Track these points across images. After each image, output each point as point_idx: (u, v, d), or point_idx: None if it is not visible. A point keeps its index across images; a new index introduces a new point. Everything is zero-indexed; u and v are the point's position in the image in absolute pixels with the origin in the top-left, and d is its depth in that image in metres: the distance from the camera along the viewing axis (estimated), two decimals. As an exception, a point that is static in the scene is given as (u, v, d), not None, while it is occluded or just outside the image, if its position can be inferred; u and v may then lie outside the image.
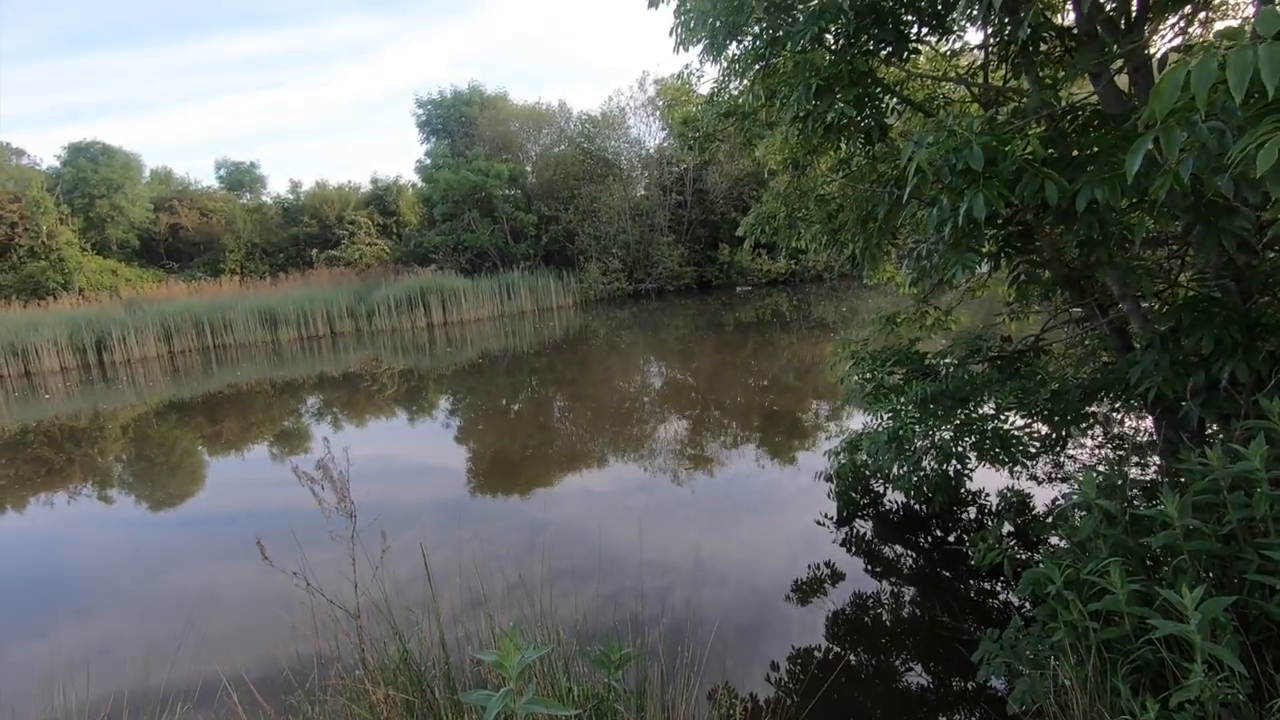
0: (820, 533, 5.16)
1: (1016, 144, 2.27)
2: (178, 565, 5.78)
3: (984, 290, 5.87)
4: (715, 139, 5.98)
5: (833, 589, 4.37)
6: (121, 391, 15.42)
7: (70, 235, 27.04)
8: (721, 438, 8.15)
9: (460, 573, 4.02)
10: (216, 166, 35.33)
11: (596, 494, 6.51)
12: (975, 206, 2.16)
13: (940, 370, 4.50)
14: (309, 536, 3.03)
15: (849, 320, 16.76)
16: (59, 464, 9.66)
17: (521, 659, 1.40)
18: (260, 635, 4.22)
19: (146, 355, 19.80)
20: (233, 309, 21.33)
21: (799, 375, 11.45)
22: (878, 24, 3.20)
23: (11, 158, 42.87)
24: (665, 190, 27.34)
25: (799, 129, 3.71)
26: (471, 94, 28.99)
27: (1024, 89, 3.88)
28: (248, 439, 10.37)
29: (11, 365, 18.20)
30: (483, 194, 25.54)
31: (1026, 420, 4.16)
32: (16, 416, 13.38)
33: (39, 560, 6.26)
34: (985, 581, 4.27)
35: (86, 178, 28.73)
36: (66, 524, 7.26)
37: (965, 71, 4.66)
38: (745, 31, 4.01)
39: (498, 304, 23.93)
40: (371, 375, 14.77)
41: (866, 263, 4.85)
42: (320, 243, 30.48)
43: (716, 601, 4.27)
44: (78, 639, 4.54)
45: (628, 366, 13.90)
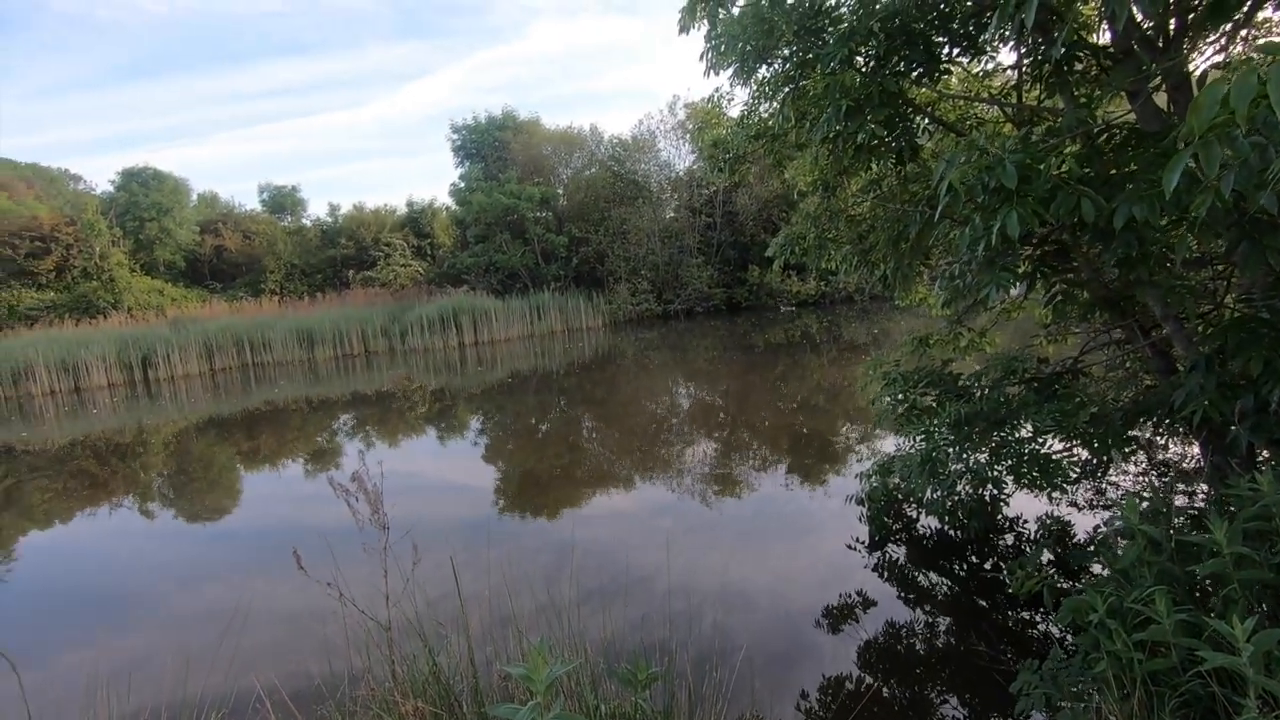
0: (851, 558, 5.06)
1: (1051, 162, 2.25)
2: (213, 577, 5.90)
3: (1019, 312, 5.77)
4: (745, 161, 6.02)
5: (864, 616, 4.27)
6: (165, 407, 15.90)
7: (121, 256, 28.15)
8: (750, 460, 8.08)
9: (488, 590, 4.04)
10: (260, 190, 36.57)
11: (624, 514, 6.49)
12: (1009, 225, 2.14)
13: (975, 392, 4.42)
14: (341, 551, 3.07)
15: (880, 342, 16.55)
16: (103, 478, 9.96)
17: (549, 673, 1.40)
18: (293, 646, 4.27)
19: (189, 372, 20.41)
20: (272, 328, 21.92)
21: (829, 398, 11.33)
22: (908, 45, 3.21)
23: (69, 183, 44.96)
24: (695, 212, 27.50)
25: (829, 150, 3.72)
26: (505, 119, 29.63)
27: (1059, 108, 3.84)
28: (283, 455, 10.59)
29: (63, 381, 18.90)
30: (515, 216, 25.98)
31: (1065, 444, 4.05)
32: (66, 431, 13.86)
33: (81, 571, 6.43)
34: (1024, 611, 4.14)
35: (138, 202, 29.96)
36: (108, 536, 7.47)
37: (998, 92, 4.63)
38: (775, 54, 4.05)
39: (528, 324, 24.19)
40: (404, 394, 15.00)
41: (898, 284, 4.81)
42: (357, 264, 31.24)
43: (744, 626, 4.21)
44: (117, 648, 4.64)
45: (656, 387, 13.89)
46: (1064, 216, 2.17)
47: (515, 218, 26.05)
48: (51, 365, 18.72)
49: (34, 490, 9.43)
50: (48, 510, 8.45)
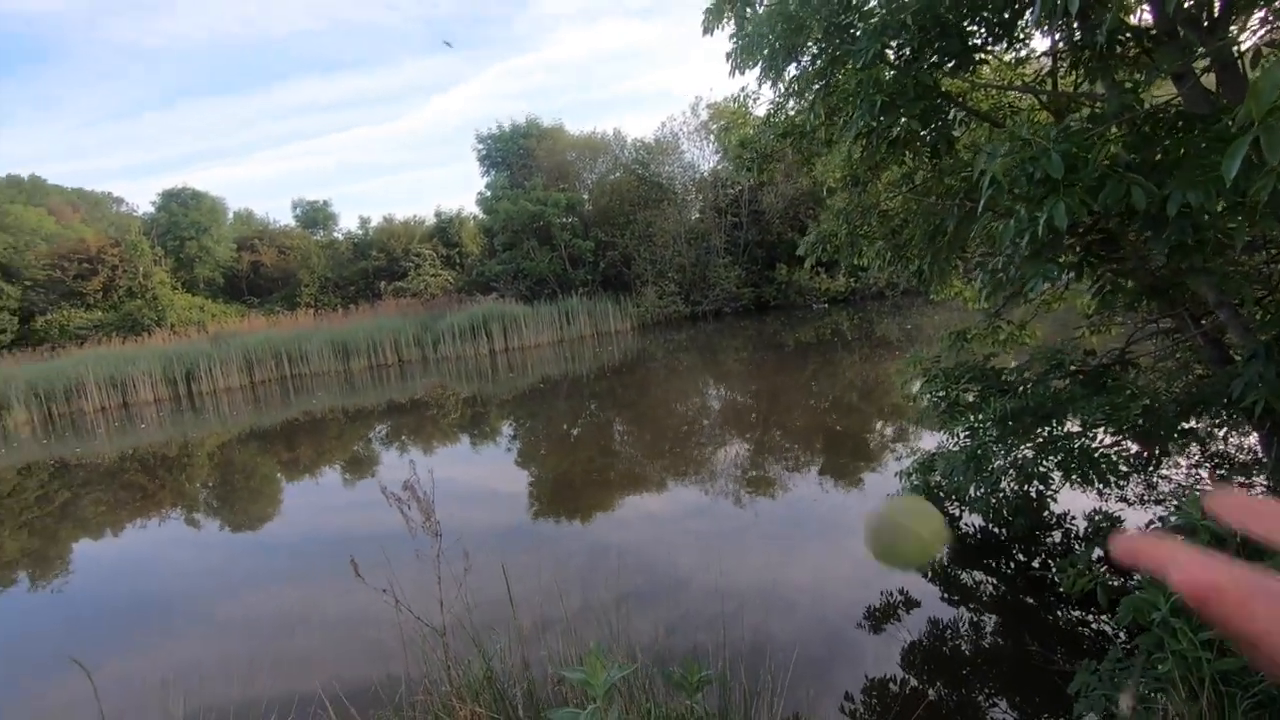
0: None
1: (1098, 150, 2.20)
2: (264, 584, 6.05)
3: (1060, 303, 5.62)
4: (773, 160, 5.98)
5: (907, 616, 4.21)
6: (209, 420, 16.35)
7: (163, 275, 29.10)
8: (784, 460, 8.02)
9: (530, 593, 4.07)
10: (293, 206, 37.51)
11: (658, 517, 6.48)
12: (1056, 215, 2.09)
13: (1018, 386, 4.32)
14: (389, 557, 3.12)
15: (914, 338, 16.29)
16: (152, 489, 10.28)
17: (607, 677, 1.41)
18: (347, 651, 4.36)
19: (230, 386, 20.97)
20: (308, 340, 22.41)
21: (863, 395, 11.18)
22: (942, 36, 3.16)
23: (113, 206, 46.61)
24: (720, 212, 27.40)
25: (862, 145, 3.68)
26: (529, 127, 29.89)
27: (1096, 93, 3.74)
28: (324, 464, 10.81)
29: (112, 397, 19.57)
30: (541, 223, 26.18)
31: (1115, 438, 3.94)
32: (116, 445, 14.34)
33: (135, 580, 6.64)
34: (1075, 609, 4.04)
35: (178, 221, 30.94)
36: (160, 545, 7.71)
37: (1032, 79, 4.53)
38: (803, 51, 4.02)
39: (557, 330, 24.35)
40: (437, 402, 15.21)
41: (935, 278, 4.73)
42: (388, 275, 31.81)
43: (786, 627, 4.18)
44: (177, 652, 4.78)
45: (686, 389, 13.87)
46: (1113, 205, 2.11)
47: (542, 224, 26.26)
48: (101, 382, 19.40)
49: (89, 503, 9.77)
50: (101, 522, 8.75)
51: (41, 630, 5.61)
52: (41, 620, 5.85)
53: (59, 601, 6.23)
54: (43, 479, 11.76)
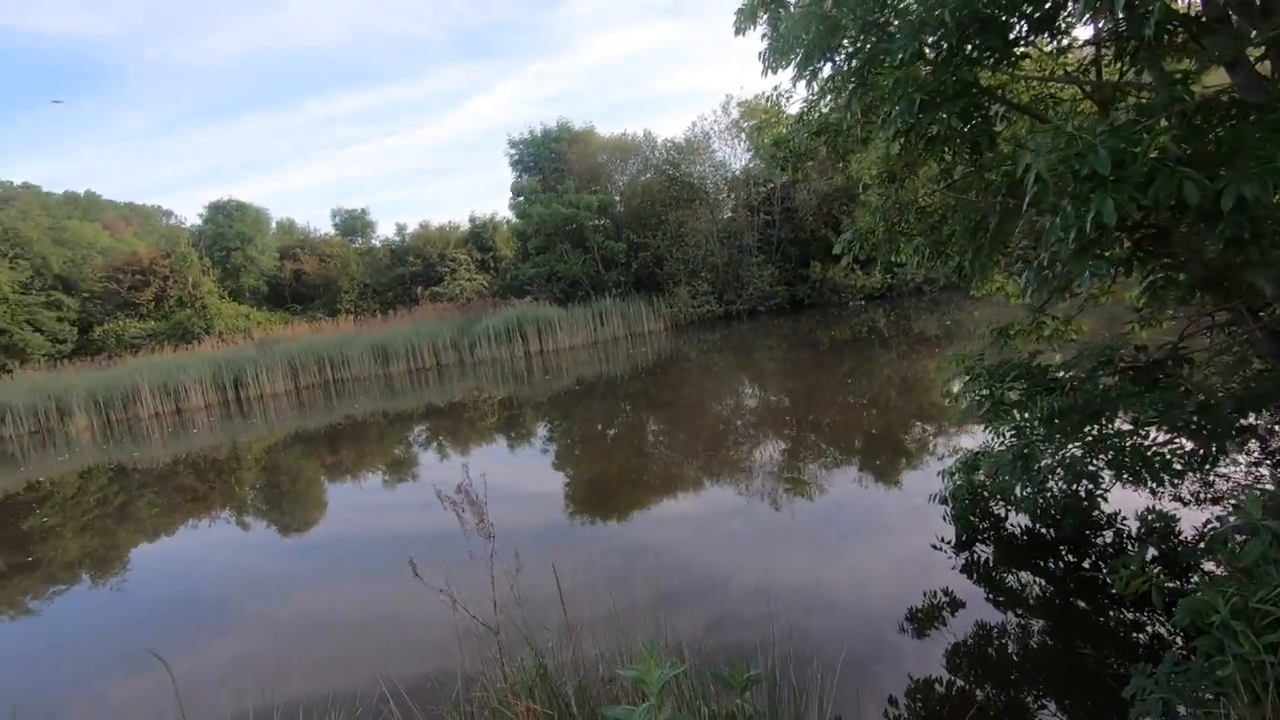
0: (935, 558, 4.93)
1: (1146, 143, 2.15)
2: (317, 584, 6.23)
3: (1108, 296, 5.48)
4: (807, 157, 5.95)
5: (952, 618, 4.15)
6: (256, 425, 16.87)
7: (211, 285, 30.12)
8: (821, 459, 7.96)
9: (569, 591, 4.13)
10: (332, 215, 38.46)
11: (695, 517, 6.50)
12: (1104, 212, 2.05)
13: (1066, 384, 4.23)
14: (433, 555, 3.20)
15: (953, 334, 15.98)
16: (204, 492, 10.66)
17: (660, 675, 1.44)
18: (400, 648, 4.48)
19: (276, 391, 21.60)
20: (349, 346, 22.97)
21: (901, 393, 11.02)
22: (982, 31, 3.12)
23: (162, 218, 48.38)
24: (753, 210, 27.24)
25: (900, 143, 3.64)
26: (560, 130, 30.12)
27: (1143, 82, 3.64)
28: (367, 466, 11.08)
29: (165, 403, 20.34)
30: (574, 225, 26.37)
31: (1169, 435, 3.83)
32: (169, 449, 14.90)
33: (191, 579, 6.90)
34: (1129, 611, 3.94)
35: (224, 233, 31.99)
36: (213, 546, 8.00)
37: (1075, 69, 4.43)
38: (839, 50, 4.00)
39: (591, 331, 24.50)
40: (475, 404, 15.44)
41: (976, 274, 4.66)
42: (425, 280, 32.41)
43: (828, 627, 4.15)
44: (234, 651, 4.96)
45: (721, 389, 13.84)
46: (1164, 200, 2.07)
47: (574, 227, 26.45)
48: (155, 389, 20.17)
49: (144, 505, 10.18)
50: (156, 523, 9.11)
51: (104, 627, 5.88)
52: (104, 617, 6.13)
53: (119, 600, 6.51)
54: (102, 482, 12.28)
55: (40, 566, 7.68)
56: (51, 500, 11.19)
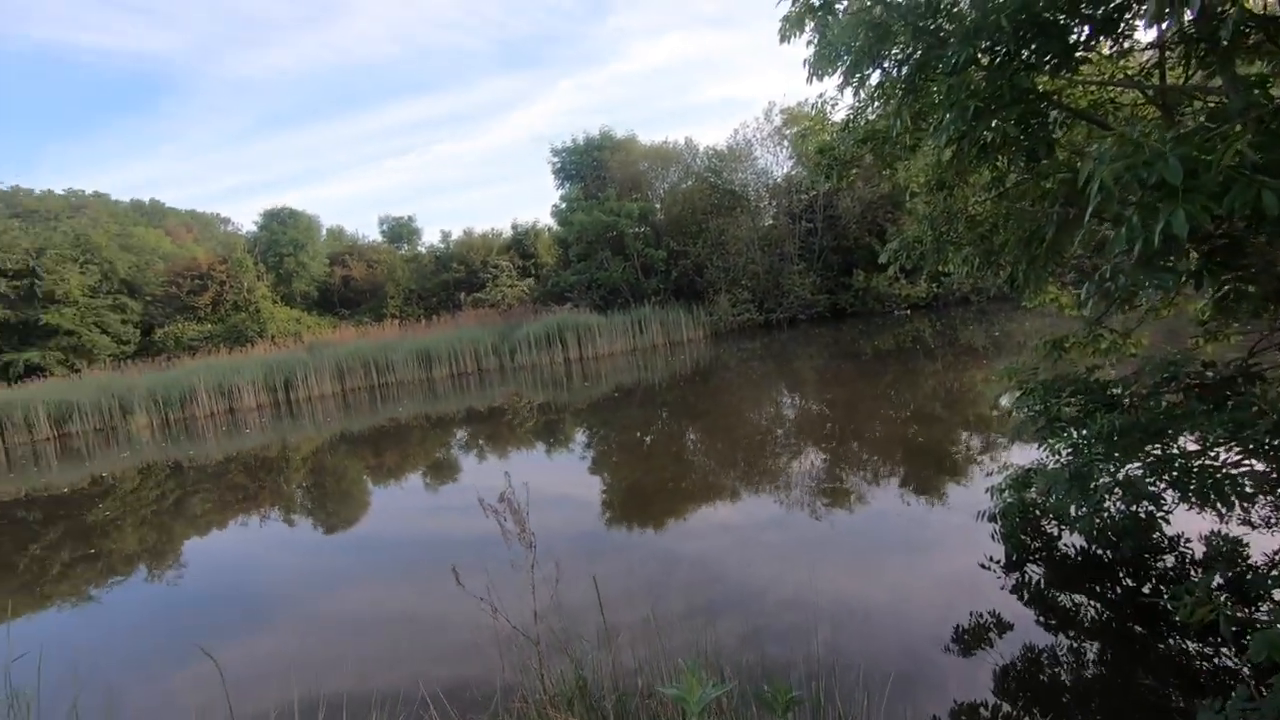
0: (984, 577, 4.76)
1: (1220, 151, 2.04)
2: (361, 583, 6.35)
3: (1171, 309, 5.23)
4: (852, 165, 5.86)
5: (1000, 640, 4.00)
6: (305, 426, 17.36)
7: (265, 290, 31.20)
8: (862, 471, 7.79)
9: (607, 601, 4.10)
10: (380, 222, 39.51)
11: (733, 527, 6.42)
12: (1175, 223, 1.95)
13: (1126, 401, 4.05)
14: (475, 560, 3.22)
15: (1002, 346, 15.52)
16: (253, 490, 11.00)
17: (703, 695, 1.42)
18: (442, 652, 4.53)
19: (324, 393, 22.22)
20: (394, 350, 23.50)
21: (947, 405, 10.73)
22: (1041, 36, 3.02)
23: (220, 225, 50.36)
24: (794, 218, 27.01)
25: (953, 151, 3.55)
26: (602, 139, 30.38)
27: (1210, 86, 3.48)
28: (410, 468, 11.29)
29: (219, 403, 21.11)
30: (614, 233, 26.53)
31: (1239, 456, 3.63)
32: (223, 447, 15.44)
33: (240, 575, 7.12)
34: (1193, 641, 3.73)
35: (277, 239, 33.11)
36: (261, 543, 8.23)
37: (1137, 73, 4.26)
38: (887, 57, 3.93)
39: (630, 338, 24.58)
40: (514, 409, 15.60)
41: (1029, 285, 4.50)
42: (467, 286, 32.99)
43: (870, 647, 4.04)
44: (280, 647, 5.08)
45: (760, 398, 13.69)
46: (1240, 210, 1.96)
47: (615, 234, 26.61)
48: (211, 390, 20.96)
49: (199, 502, 10.55)
50: (209, 520, 9.43)
51: (158, 618, 6.10)
52: (158, 608, 6.36)
53: (173, 592, 6.75)
54: (159, 478, 12.78)
55: (101, 558, 8.02)
56: (113, 495, 11.69)
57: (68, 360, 27.17)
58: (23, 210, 36.47)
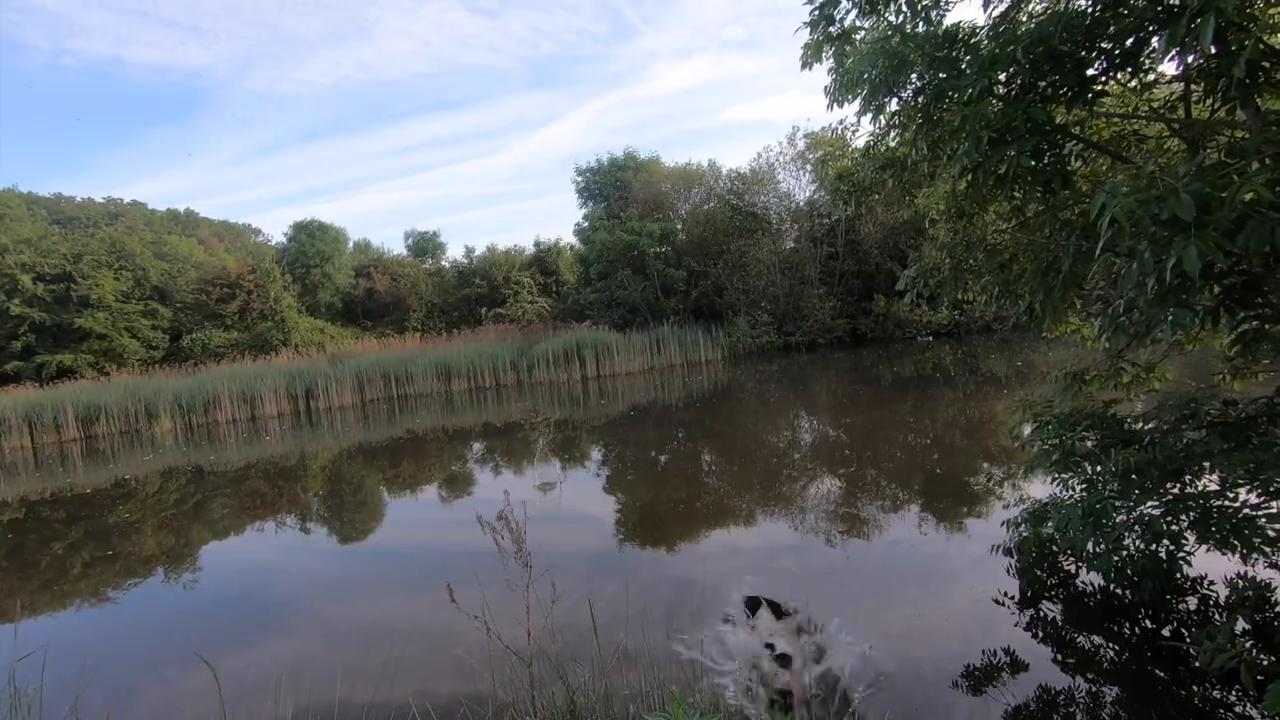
0: (997, 613, 4.65)
1: (1236, 187, 2.01)
2: (363, 593, 6.38)
3: (1196, 343, 5.13)
4: (871, 192, 5.85)
5: (1012, 680, 3.89)
6: (323, 435, 17.55)
7: (290, 300, 31.76)
8: (878, 500, 7.68)
9: (609, 623, 4.07)
10: (405, 236, 40.19)
11: (744, 551, 6.35)
12: (1186, 260, 1.92)
13: (1144, 437, 3.96)
14: (481, 577, 3.23)
15: (1024, 375, 15.29)
16: (271, 497, 11.12)
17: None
18: (436, 667, 4.51)
19: (344, 403, 22.48)
20: (414, 363, 23.74)
21: (966, 434, 10.57)
22: (1056, 69, 3.01)
23: (251, 236, 51.52)
24: (816, 242, 26.98)
25: (968, 180, 3.54)
26: (626, 159, 30.71)
27: (1237, 120, 3.44)
28: (423, 480, 11.35)
29: (242, 410, 21.44)
30: (635, 253, 26.69)
31: (1261, 499, 3.53)
32: (243, 454, 15.65)
33: (248, 580, 7.18)
34: (1214, 688, 3.61)
35: (305, 250, 33.77)
36: (273, 549, 8.31)
37: (1161, 106, 4.23)
38: (904, 86, 3.94)
39: (648, 358, 24.59)
40: (530, 425, 15.65)
41: (1047, 316, 4.44)
42: (489, 301, 33.31)
43: (878, 682, 3.96)
44: (279, 653, 5.10)
45: (777, 422, 13.60)
46: (1255, 248, 1.92)
47: (636, 254, 26.77)
48: (234, 397, 21.30)
49: (217, 506, 10.69)
50: (225, 525, 9.54)
51: (166, 621, 6.16)
52: (166, 613, 6.43)
53: (184, 596, 6.83)
54: (180, 482, 12.98)
55: (119, 559, 8.14)
56: (135, 497, 11.89)
57: (98, 364, 27.82)
58: (64, 217, 37.65)
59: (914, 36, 3.48)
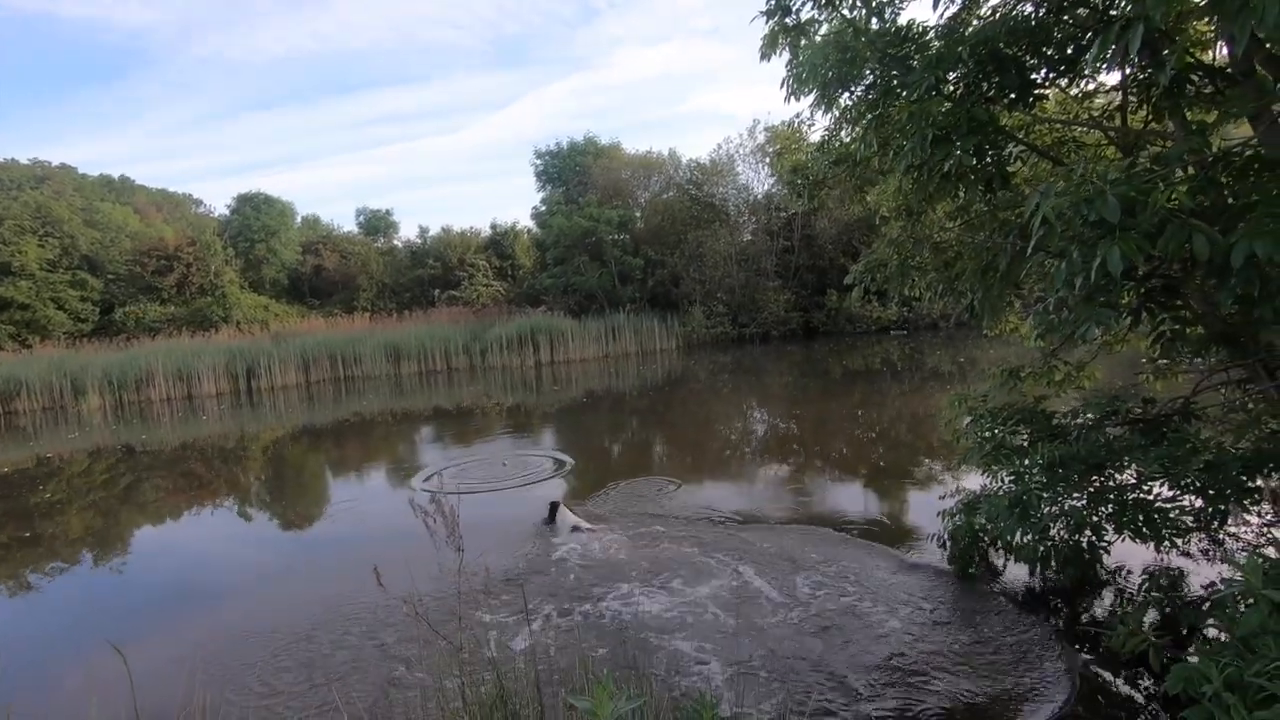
0: (931, 597, 4.81)
1: (1159, 193, 2.10)
2: (295, 578, 6.21)
3: (1124, 344, 5.37)
4: (825, 186, 5.92)
5: (942, 660, 4.04)
6: (265, 416, 16.99)
7: (233, 275, 30.49)
8: (821, 491, 7.85)
9: (550, 611, 4.04)
10: (356, 213, 38.95)
11: (689, 540, 6.39)
12: (1110, 260, 2.00)
13: (1071, 432, 4.14)
14: (417, 563, 3.15)
15: (966, 371, 15.82)
16: (208, 479, 10.71)
17: (615, 709, 1.40)
18: (364, 654, 4.41)
19: (287, 383, 21.76)
20: (363, 343, 23.12)
21: (910, 428, 10.90)
22: (999, 71, 3.09)
23: (192, 207, 49.21)
24: (772, 235, 27.28)
25: (914, 178, 3.61)
26: (587, 145, 30.41)
27: (1169, 130, 3.59)
28: (367, 464, 11.09)
29: (178, 388, 20.55)
30: (593, 239, 26.50)
31: (1174, 492, 3.73)
32: (178, 433, 15.03)
33: (177, 565, 6.90)
34: (1125, 669, 3.81)
35: (249, 224, 32.43)
36: (206, 535, 8.02)
37: (1100, 114, 4.39)
38: (858, 81, 3.99)
39: (603, 345, 24.53)
40: (482, 410, 15.45)
41: (986, 314, 4.59)
42: (442, 283, 32.63)
43: (806, 666, 4.05)
44: (202, 640, 4.88)
45: (729, 411, 13.75)
46: (1174, 252, 2.01)
47: (593, 240, 26.58)
48: (169, 374, 20.40)
49: (149, 489, 10.24)
50: (158, 507, 9.15)
51: (85, 607, 5.89)
52: (87, 597, 6.15)
53: (107, 581, 6.54)
54: (110, 462, 12.39)
55: (41, 542, 7.74)
56: (58, 477, 11.29)
57: (20, 335, 26.23)
58: (-17, 178, 35.23)
59: (867, 32, 3.52)
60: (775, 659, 4.03)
